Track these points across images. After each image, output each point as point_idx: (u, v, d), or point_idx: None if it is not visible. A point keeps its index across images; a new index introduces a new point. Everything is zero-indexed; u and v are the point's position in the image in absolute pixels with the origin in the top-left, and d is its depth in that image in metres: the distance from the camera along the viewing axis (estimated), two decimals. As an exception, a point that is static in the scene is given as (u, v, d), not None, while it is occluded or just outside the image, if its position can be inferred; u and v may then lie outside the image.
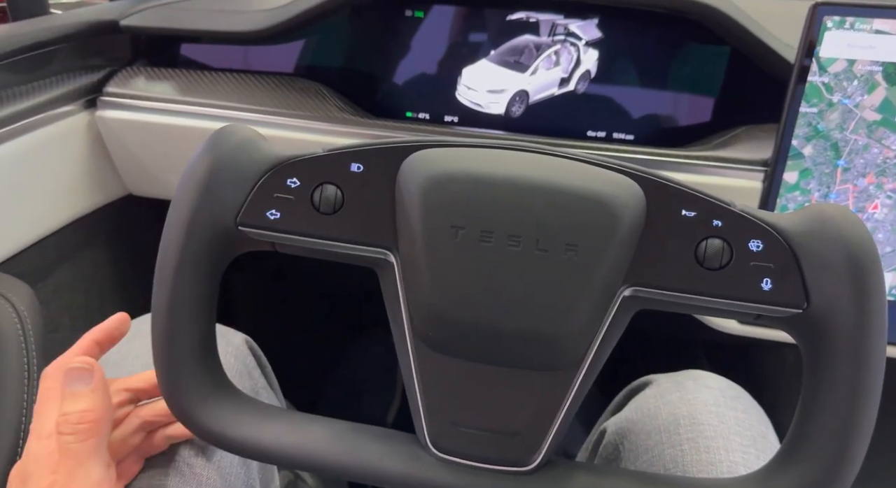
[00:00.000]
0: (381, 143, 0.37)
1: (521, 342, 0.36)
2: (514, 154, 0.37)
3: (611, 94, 0.68)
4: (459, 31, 0.69)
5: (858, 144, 0.56)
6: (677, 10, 0.60)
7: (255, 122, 0.65)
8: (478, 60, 0.69)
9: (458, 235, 0.35)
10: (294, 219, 0.36)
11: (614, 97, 0.68)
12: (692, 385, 0.54)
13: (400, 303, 0.37)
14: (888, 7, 0.53)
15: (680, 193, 0.35)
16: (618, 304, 0.36)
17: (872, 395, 0.33)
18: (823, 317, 0.33)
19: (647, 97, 0.68)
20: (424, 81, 0.70)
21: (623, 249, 0.35)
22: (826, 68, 0.55)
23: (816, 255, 0.33)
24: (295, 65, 0.71)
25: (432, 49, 0.69)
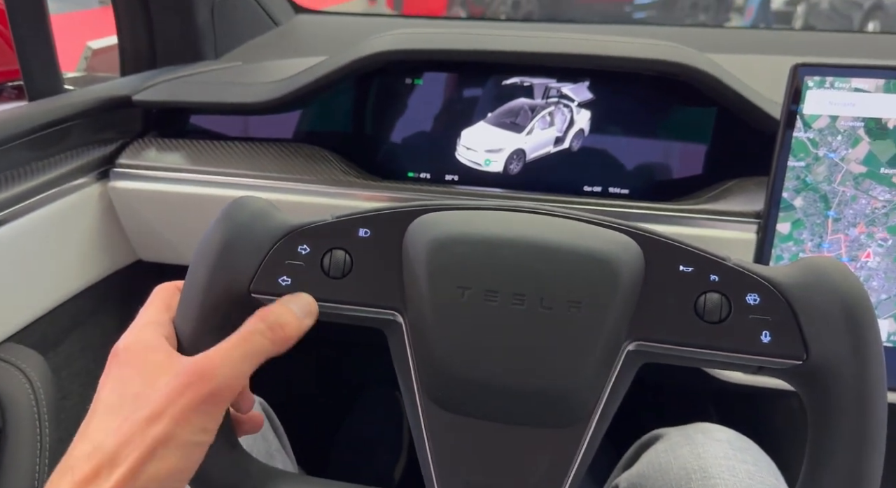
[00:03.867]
0: (387, 209, 0.38)
1: (530, 399, 0.37)
2: (516, 215, 0.39)
3: (605, 151, 0.71)
4: (457, 96, 0.72)
5: (847, 196, 0.58)
6: (664, 72, 0.63)
7: (262, 188, 0.67)
8: (476, 122, 0.72)
9: (465, 295, 0.36)
10: (305, 285, 0.37)
11: (608, 154, 0.71)
12: (702, 438, 0.55)
13: (409, 363, 0.37)
14: (864, 67, 0.56)
15: (676, 249, 0.37)
16: (622, 359, 0.36)
17: (877, 443, 0.34)
18: (823, 367, 0.34)
19: (639, 153, 0.70)
20: (425, 143, 0.73)
21: (625, 305, 0.36)
22: (810, 124, 0.57)
23: (813, 308, 0.35)
24: (300, 131, 0.73)
25: (432, 113, 0.72)
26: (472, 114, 0.72)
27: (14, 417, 0.56)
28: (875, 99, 0.56)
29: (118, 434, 0.30)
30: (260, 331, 0.34)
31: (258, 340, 0.34)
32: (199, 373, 0.32)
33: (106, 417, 0.31)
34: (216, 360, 0.32)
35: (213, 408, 0.32)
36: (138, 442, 0.30)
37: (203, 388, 0.31)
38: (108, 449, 0.30)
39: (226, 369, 0.32)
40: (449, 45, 0.64)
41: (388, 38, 0.66)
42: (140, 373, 0.33)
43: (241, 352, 0.33)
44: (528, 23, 1.94)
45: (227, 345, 0.33)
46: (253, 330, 0.34)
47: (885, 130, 0.56)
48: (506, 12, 5.34)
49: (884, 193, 0.57)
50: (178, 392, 0.31)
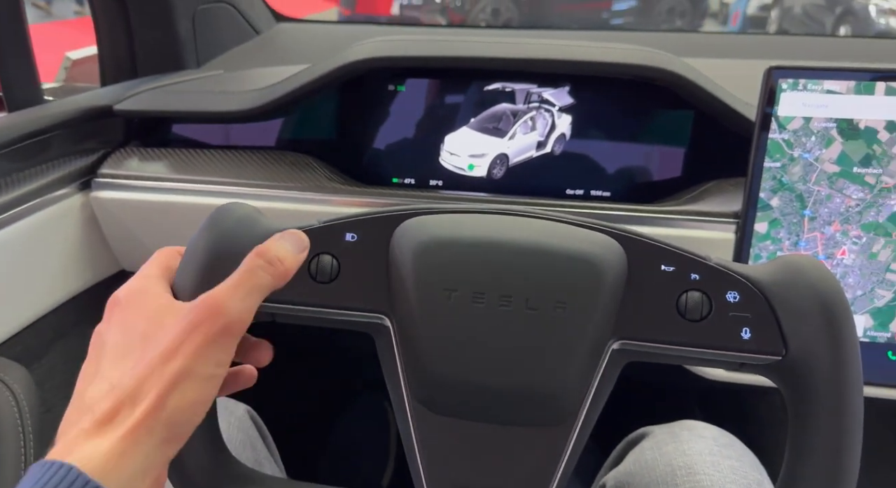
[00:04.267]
0: (373, 213, 0.39)
1: (517, 399, 0.37)
2: (501, 218, 0.39)
3: (586, 155, 0.72)
4: (440, 102, 0.72)
5: (822, 195, 0.59)
6: (643, 77, 0.64)
7: (247, 196, 0.67)
8: (459, 128, 0.73)
9: (452, 297, 0.36)
10: (293, 290, 0.37)
11: (590, 157, 0.72)
12: (687, 435, 0.55)
13: (397, 367, 0.38)
14: (836, 69, 0.57)
15: (658, 249, 0.38)
16: (607, 358, 0.37)
17: (855, 435, 0.34)
18: (802, 363, 0.35)
19: (620, 156, 0.71)
20: (409, 149, 0.73)
21: (609, 304, 0.37)
22: (785, 126, 0.58)
23: (791, 304, 0.36)
24: (283, 139, 0.74)
25: (415, 119, 0.73)
26: (455, 119, 0.72)
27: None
28: (847, 100, 0.57)
29: (134, 372, 0.31)
30: (260, 266, 0.34)
31: (260, 275, 0.34)
32: (209, 309, 0.32)
33: (116, 358, 0.32)
34: (224, 296, 0.33)
35: (227, 341, 0.33)
36: (157, 378, 0.30)
37: (216, 323, 0.32)
38: (126, 387, 0.30)
39: (235, 303, 0.33)
40: (430, 52, 0.65)
41: (370, 46, 0.66)
42: (144, 316, 0.33)
43: (247, 288, 0.34)
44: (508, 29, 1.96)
45: (230, 282, 0.34)
46: (253, 266, 0.34)
47: (857, 131, 0.57)
48: (485, 19, 5.38)
49: (857, 192, 0.58)
50: (191, 328, 0.32)
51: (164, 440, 0.30)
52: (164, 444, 0.30)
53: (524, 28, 1.73)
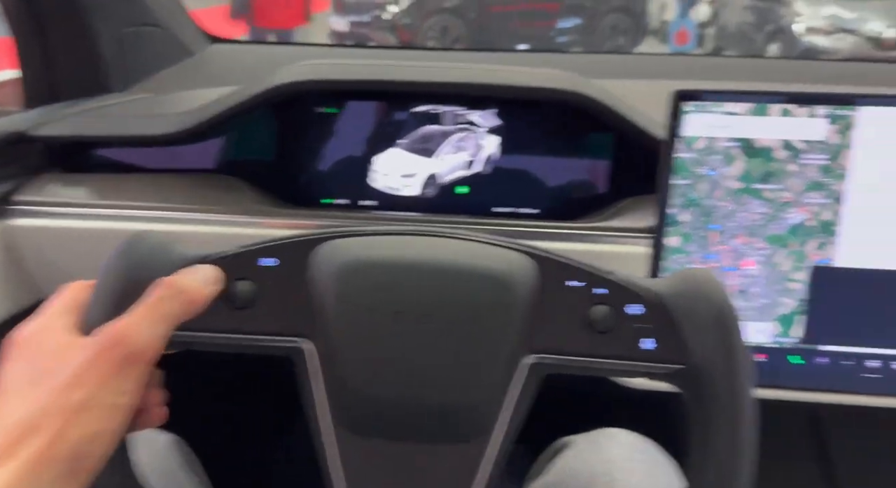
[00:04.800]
0: (291, 237, 0.40)
1: (436, 415, 0.38)
2: (418, 239, 0.41)
3: (514, 174, 0.74)
4: (370, 124, 0.74)
5: (727, 210, 0.63)
6: (557, 100, 0.67)
7: (172, 220, 0.66)
8: (389, 148, 0.74)
9: (373, 318, 0.37)
10: (208, 318, 0.37)
11: (518, 176, 0.74)
12: (606, 443, 0.58)
13: (319, 391, 0.38)
14: (735, 92, 0.61)
15: (567, 266, 0.40)
16: (521, 372, 0.39)
17: (748, 434, 0.37)
18: (703, 370, 0.37)
19: (547, 175, 0.74)
20: (340, 170, 0.74)
21: (521, 320, 0.38)
22: (691, 145, 0.62)
23: (690, 315, 0.38)
24: (213, 162, 0.73)
25: (346, 140, 0.74)
26: (384, 139, 0.74)
27: None
28: (745, 121, 0.61)
29: (35, 403, 0.30)
30: (166, 295, 0.34)
31: (167, 304, 0.34)
32: (113, 339, 0.32)
33: (17, 394, 0.31)
34: (128, 325, 0.33)
35: (133, 371, 0.32)
36: (58, 408, 0.30)
37: (119, 352, 0.32)
38: (26, 418, 0.30)
39: (140, 332, 0.33)
40: (355, 76, 0.66)
41: (298, 69, 0.67)
42: (46, 353, 0.33)
43: (153, 316, 0.34)
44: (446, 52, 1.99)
45: (135, 311, 0.34)
46: (159, 295, 0.34)
47: (756, 149, 0.61)
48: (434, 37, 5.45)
49: (759, 207, 0.62)
50: (94, 358, 0.31)
51: (66, 472, 0.30)
52: (68, 477, 0.30)
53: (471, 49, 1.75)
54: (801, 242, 0.62)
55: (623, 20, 5.82)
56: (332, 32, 5.73)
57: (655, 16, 6.12)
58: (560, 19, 5.80)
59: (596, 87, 0.67)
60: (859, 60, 2.22)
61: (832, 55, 4.63)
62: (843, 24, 5.09)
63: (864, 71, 1.06)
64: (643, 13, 5.94)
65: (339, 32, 5.63)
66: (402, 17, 5.53)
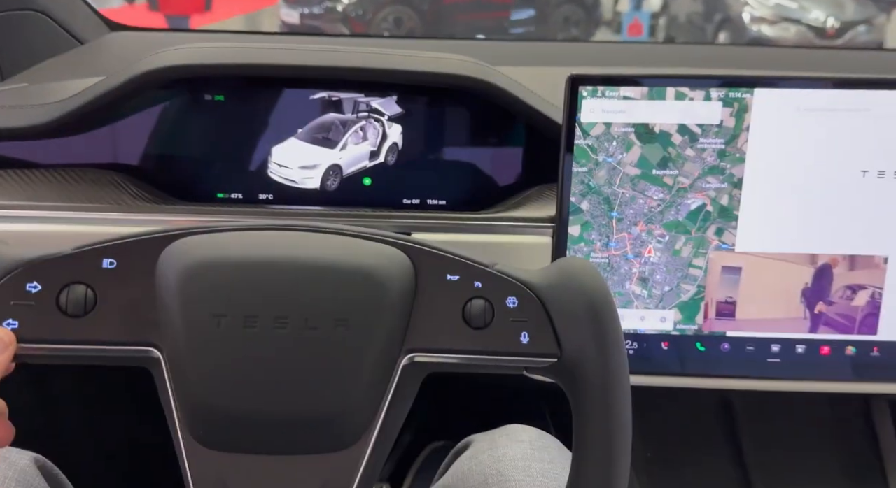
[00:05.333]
0: (134, 236, 0.36)
1: (300, 427, 0.36)
2: (276, 234, 0.38)
3: (420, 164, 0.71)
4: (264, 112, 0.70)
5: (626, 197, 0.61)
6: (455, 85, 0.64)
7: (38, 220, 0.61)
8: (287, 138, 0.70)
9: (221, 324, 0.34)
10: (37, 327, 0.34)
11: (423, 166, 0.71)
12: (504, 440, 0.56)
13: (170, 400, 0.35)
14: (631, 77, 0.59)
15: (443, 258, 0.37)
16: (399, 373, 0.36)
17: (623, 425, 0.35)
18: (575, 362, 0.36)
19: (452, 165, 0.71)
20: (234, 162, 0.70)
21: (395, 318, 0.36)
22: (588, 132, 0.60)
23: (563, 307, 0.36)
24: (88, 156, 0.68)
25: (238, 130, 0.70)
26: (281, 129, 0.70)
27: None
28: (641, 105, 0.59)
29: None
30: None
31: None
32: None
33: None
34: None
35: None
36: None
37: None
38: None
39: None
40: (231, 60, 0.62)
41: (171, 54, 0.63)
42: None
43: None
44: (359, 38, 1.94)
45: None
46: None
47: (653, 134, 0.60)
48: (388, 29, 5.38)
49: (657, 193, 0.61)
50: None
51: None
52: None
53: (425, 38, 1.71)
54: (701, 228, 0.61)
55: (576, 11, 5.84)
56: (283, 24, 5.60)
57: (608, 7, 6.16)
58: (514, 10, 5.79)
59: (498, 74, 0.64)
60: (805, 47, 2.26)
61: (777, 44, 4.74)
62: (788, 13, 5.22)
63: (807, 57, 1.06)
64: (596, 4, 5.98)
65: (289, 24, 5.50)
66: (354, 9, 5.43)
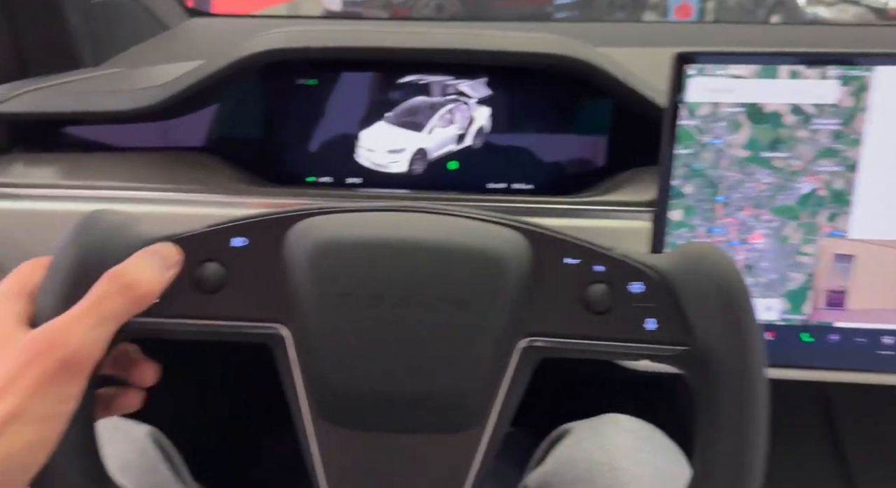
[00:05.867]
0: (263, 215, 0.37)
1: (422, 406, 0.36)
2: (398, 215, 0.38)
3: (507, 148, 0.70)
4: (354, 96, 0.70)
5: (733, 180, 0.59)
6: (553, 66, 0.63)
7: (144, 201, 0.62)
8: (375, 122, 0.70)
9: (348, 302, 0.34)
10: (175, 303, 0.35)
11: (510, 150, 0.70)
12: (607, 430, 0.55)
13: (296, 379, 0.36)
14: (740, 53, 0.57)
15: (562, 242, 0.37)
16: (515, 357, 0.36)
17: (760, 420, 0.34)
18: (707, 351, 0.35)
19: (541, 148, 0.70)
20: (323, 146, 0.70)
21: (513, 301, 0.35)
22: (694, 112, 0.58)
23: (693, 293, 0.35)
24: (188, 139, 0.69)
25: (328, 114, 0.70)
26: (370, 113, 0.70)
27: None
28: (752, 84, 0.57)
29: None
30: (113, 291, 0.31)
31: (111, 303, 0.31)
32: (46, 342, 0.29)
33: None
34: (65, 328, 0.30)
35: (68, 377, 0.30)
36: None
37: (52, 358, 0.29)
38: None
39: (77, 336, 0.30)
40: (333, 43, 0.62)
41: (271, 37, 0.63)
42: None
43: (95, 317, 0.31)
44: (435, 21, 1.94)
45: (76, 310, 0.31)
46: (103, 292, 0.31)
47: (764, 115, 0.57)
48: (429, 14, 5.34)
49: (766, 176, 0.58)
50: (24, 364, 0.29)
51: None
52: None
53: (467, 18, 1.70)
54: (812, 213, 0.58)
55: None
56: (325, 11, 5.62)
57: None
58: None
59: (594, 52, 0.63)
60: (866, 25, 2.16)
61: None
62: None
63: (870, 36, 1.01)
64: (642, -14, 5.82)
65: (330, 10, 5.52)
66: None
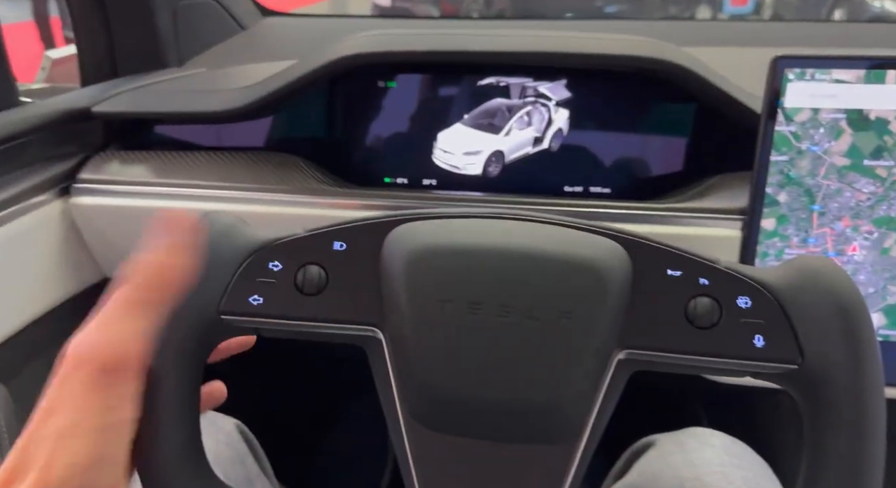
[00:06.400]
0: (363, 220, 0.37)
1: (518, 415, 0.35)
2: (498, 222, 0.37)
3: (585, 150, 0.69)
4: (432, 98, 0.70)
5: (831, 189, 0.57)
6: (643, 69, 0.61)
7: (231, 200, 0.64)
8: (452, 124, 0.70)
9: (446, 308, 0.34)
10: (278, 304, 0.35)
11: (588, 153, 0.69)
12: (694, 444, 0.53)
13: (390, 382, 0.36)
14: (844, 58, 0.55)
15: (664, 253, 0.36)
16: (613, 369, 0.35)
17: (878, 443, 0.33)
18: (819, 371, 0.33)
19: (620, 151, 0.69)
20: (400, 147, 0.71)
21: (614, 312, 0.35)
22: (792, 118, 0.56)
23: (806, 309, 0.34)
24: (270, 139, 0.71)
25: (406, 116, 0.70)
26: (448, 116, 0.70)
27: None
28: (856, 90, 0.55)
29: (26, 433, 0.28)
30: (138, 281, 0.30)
31: (134, 294, 0.29)
32: (77, 352, 0.28)
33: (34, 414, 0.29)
34: (90, 333, 0.28)
35: (114, 381, 0.28)
36: (42, 437, 0.27)
37: (89, 366, 0.28)
38: (19, 450, 0.28)
39: (104, 337, 0.28)
40: (421, 47, 0.62)
41: (361, 41, 0.64)
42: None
43: (119, 313, 0.29)
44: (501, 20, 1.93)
45: (98, 315, 0.29)
46: (128, 284, 0.30)
47: (868, 122, 0.55)
48: (478, 10, 5.33)
49: (868, 186, 0.56)
50: (63, 378, 0.28)
51: None
52: None
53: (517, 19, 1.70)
54: (917, 225, 0.56)
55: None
56: (374, 6, 5.66)
57: (709, -18, 5.82)
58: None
59: (685, 54, 0.61)
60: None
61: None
62: (917, -13, 4.74)
63: None
64: (696, -20, 5.67)
65: (380, 6, 5.55)
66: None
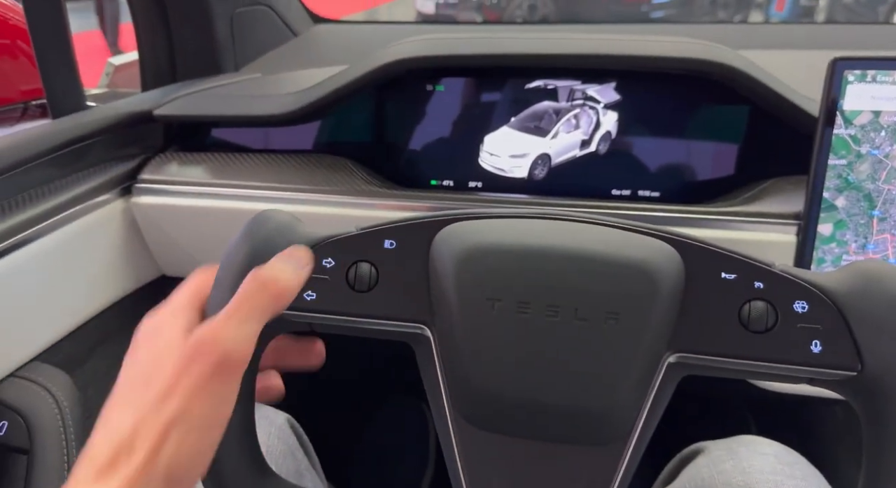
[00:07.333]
0: (413, 219, 0.37)
1: (566, 416, 0.35)
2: (547, 223, 0.37)
3: (633, 153, 0.69)
4: (479, 101, 0.70)
5: (893, 194, 0.55)
6: (698, 71, 0.61)
7: (285, 200, 0.66)
8: (499, 127, 0.70)
9: (495, 307, 0.34)
10: (330, 299, 0.36)
11: (637, 156, 0.69)
12: (745, 451, 0.52)
13: (438, 379, 0.36)
14: (907, 58, 0.53)
15: (718, 256, 0.35)
16: (663, 372, 0.35)
17: None
18: (880, 378, 0.32)
19: (669, 154, 0.68)
20: (447, 150, 0.71)
21: (665, 315, 0.34)
22: (851, 121, 0.54)
23: (866, 315, 0.33)
24: (321, 142, 0.73)
25: (453, 119, 0.71)
26: (494, 119, 0.70)
27: (41, 438, 0.55)
28: (921, 92, 0.53)
29: (133, 417, 0.29)
30: (255, 289, 0.33)
31: (255, 299, 0.33)
32: (202, 343, 0.31)
33: (121, 401, 0.31)
34: (217, 328, 0.31)
35: (226, 377, 0.31)
36: (152, 423, 0.29)
37: (210, 358, 0.30)
38: (124, 433, 0.29)
39: (229, 334, 0.31)
40: (469, 51, 0.62)
41: (409, 46, 0.65)
42: (151, 354, 0.32)
43: (242, 315, 0.32)
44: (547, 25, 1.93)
45: (225, 310, 0.32)
46: (247, 290, 0.33)
47: (933, 124, 0.53)
48: (522, 16, 5.32)
49: (933, 191, 0.54)
50: (184, 366, 0.30)
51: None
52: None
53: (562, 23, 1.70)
54: None
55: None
56: (418, 14, 5.71)
57: (760, -13, 5.67)
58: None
59: (739, 57, 0.60)
60: None
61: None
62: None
63: None
64: (745, -16, 5.53)
65: (424, 14, 5.60)
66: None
